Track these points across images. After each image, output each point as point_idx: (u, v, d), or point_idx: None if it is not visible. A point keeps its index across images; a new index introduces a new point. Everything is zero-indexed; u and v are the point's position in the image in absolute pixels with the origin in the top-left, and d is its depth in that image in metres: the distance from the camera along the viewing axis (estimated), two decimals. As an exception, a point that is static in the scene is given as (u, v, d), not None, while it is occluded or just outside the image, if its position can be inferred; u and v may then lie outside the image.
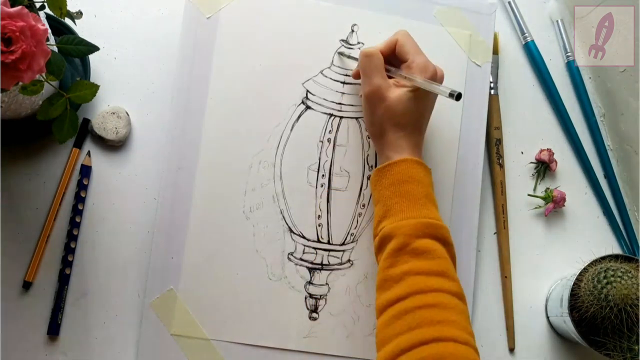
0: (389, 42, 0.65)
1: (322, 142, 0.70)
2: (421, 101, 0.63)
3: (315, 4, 0.71)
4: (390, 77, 0.64)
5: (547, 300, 0.73)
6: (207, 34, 0.69)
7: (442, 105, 0.71)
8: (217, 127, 0.69)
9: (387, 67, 0.64)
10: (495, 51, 0.76)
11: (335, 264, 0.69)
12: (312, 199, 0.69)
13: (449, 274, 0.57)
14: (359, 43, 0.71)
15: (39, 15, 0.55)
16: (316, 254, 0.69)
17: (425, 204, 0.60)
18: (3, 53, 0.51)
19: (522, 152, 0.76)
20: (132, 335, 0.68)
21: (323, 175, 0.69)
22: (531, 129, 0.77)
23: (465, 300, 0.58)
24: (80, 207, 0.69)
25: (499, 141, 0.75)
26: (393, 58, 0.65)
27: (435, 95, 0.64)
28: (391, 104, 0.62)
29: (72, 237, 0.68)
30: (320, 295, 0.68)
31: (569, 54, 0.78)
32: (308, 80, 0.70)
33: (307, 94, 0.70)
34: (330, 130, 0.70)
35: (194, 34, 0.69)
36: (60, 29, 0.69)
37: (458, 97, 0.57)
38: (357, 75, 0.68)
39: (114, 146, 0.71)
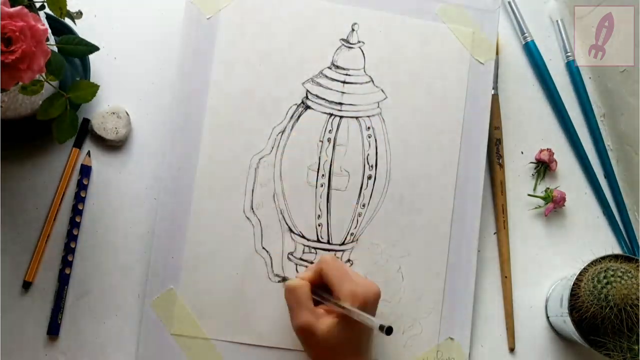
0: (315, 270, 0.62)
1: (322, 141, 0.70)
2: (354, 329, 0.59)
3: (316, 3, 0.71)
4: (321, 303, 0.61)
5: (547, 300, 0.73)
6: (207, 34, 0.69)
7: (444, 104, 0.71)
8: (217, 127, 0.69)
9: (318, 292, 0.61)
10: (495, 51, 0.76)
11: (335, 264, 0.69)
12: (312, 199, 0.69)
13: None
14: (359, 42, 0.71)
15: (39, 15, 0.55)
16: (316, 254, 0.69)
17: None
18: (3, 53, 0.51)
19: (522, 152, 0.76)
20: (132, 335, 0.68)
21: (323, 175, 0.69)
22: (531, 129, 0.77)
23: None
24: (80, 207, 0.69)
25: (499, 141, 0.75)
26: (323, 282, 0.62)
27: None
28: (323, 337, 0.58)
29: (72, 237, 0.68)
30: (320, 295, 0.68)
31: (569, 54, 0.78)
32: (308, 80, 0.70)
33: (307, 94, 0.70)
34: (330, 130, 0.70)
35: (194, 34, 0.69)
36: (60, 29, 0.69)
37: (388, 331, 0.54)
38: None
39: (114, 146, 0.71)
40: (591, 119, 0.77)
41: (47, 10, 0.58)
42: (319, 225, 0.69)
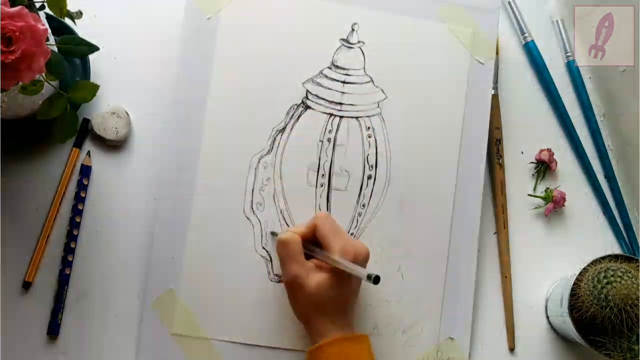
0: (309, 225, 0.64)
1: (322, 141, 0.70)
2: (343, 287, 0.61)
3: (316, 3, 0.71)
4: (312, 257, 0.62)
5: (547, 300, 0.73)
6: (207, 34, 0.69)
7: (444, 104, 0.71)
8: (217, 127, 0.69)
9: (309, 246, 0.62)
10: (495, 51, 0.76)
11: (335, 264, 0.69)
12: (312, 199, 0.69)
13: None
14: (359, 42, 0.71)
15: (39, 15, 0.55)
16: (316, 254, 0.69)
17: None
18: (3, 53, 0.51)
19: (522, 152, 0.76)
20: (132, 335, 0.68)
21: (323, 175, 0.69)
22: (531, 129, 0.77)
23: None
24: (80, 207, 0.69)
25: (499, 141, 0.75)
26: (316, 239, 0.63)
27: (358, 280, 0.63)
28: (311, 291, 0.60)
29: (72, 237, 0.68)
30: (320, 295, 0.68)
31: (569, 54, 0.78)
32: (308, 80, 0.70)
33: (307, 94, 0.70)
34: (330, 130, 0.70)
35: (194, 34, 0.69)
36: (60, 29, 0.69)
37: (376, 280, 0.55)
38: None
39: (114, 146, 0.71)
40: (591, 119, 0.77)
41: (47, 10, 0.58)
42: (319, 225, 0.69)
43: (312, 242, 0.63)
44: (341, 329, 0.61)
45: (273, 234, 0.68)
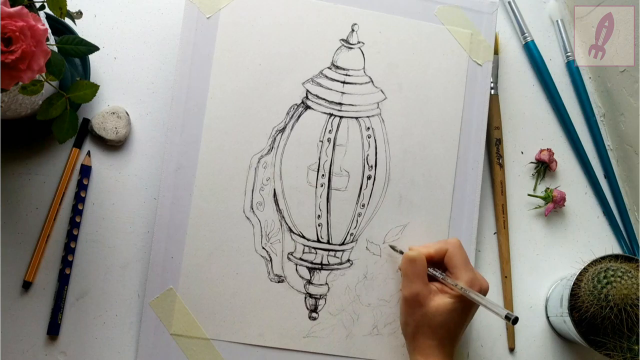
0: (438, 249, 0.65)
1: (322, 141, 0.70)
2: (463, 314, 0.62)
3: (315, 3, 0.71)
4: (434, 279, 0.64)
5: (547, 300, 0.73)
6: (207, 34, 0.69)
7: (443, 104, 0.71)
8: (217, 127, 0.69)
9: (434, 270, 0.64)
10: (495, 51, 0.76)
11: (335, 264, 0.69)
12: (312, 199, 0.69)
13: None
14: (359, 42, 0.71)
15: (39, 15, 0.55)
16: (316, 253, 0.69)
17: None
18: (3, 53, 0.51)
19: (522, 152, 0.76)
20: (132, 335, 0.68)
21: (323, 175, 0.69)
22: (531, 129, 0.77)
23: None
24: (80, 207, 0.69)
25: (499, 141, 0.75)
26: (440, 261, 0.65)
27: (476, 309, 0.64)
28: (429, 311, 0.61)
29: (72, 237, 0.68)
30: (320, 295, 0.69)
31: (569, 54, 0.78)
32: (308, 80, 0.70)
33: (307, 94, 0.70)
34: (330, 130, 0.70)
35: (194, 34, 0.69)
36: (60, 29, 0.69)
37: (515, 320, 0.57)
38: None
39: (114, 146, 0.71)
40: (591, 119, 0.77)
41: (47, 10, 0.58)
42: (319, 225, 0.69)
43: (435, 264, 0.64)
44: (445, 355, 0.61)
45: (392, 247, 0.69)
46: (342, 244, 0.69)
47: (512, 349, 0.71)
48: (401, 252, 0.68)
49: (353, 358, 0.68)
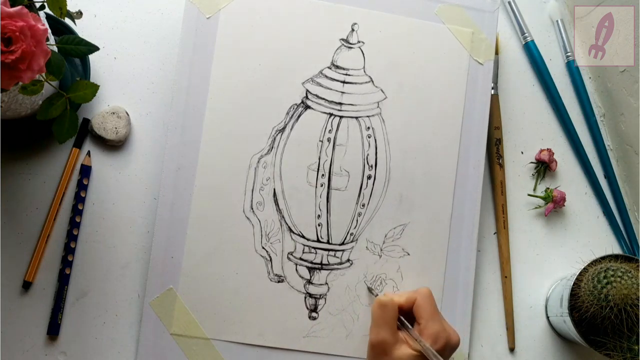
0: (408, 298, 0.64)
1: (322, 141, 0.70)
2: None
3: (315, 3, 0.71)
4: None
5: (547, 300, 0.73)
6: (207, 34, 0.69)
7: (443, 104, 0.71)
8: (217, 127, 0.69)
9: (401, 320, 0.63)
10: (496, 51, 0.76)
11: (335, 264, 0.69)
12: (312, 199, 0.69)
13: None
14: (359, 42, 0.71)
15: (39, 15, 0.55)
16: (316, 253, 0.69)
17: None
18: (3, 53, 0.51)
19: (522, 152, 0.76)
20: (132, 335, 0.68)
21: (323, 174, 0.69)
22: (531, 129, 0.77)
23: None
24: (80, 207, 0.69)
25: (499, 141, 0.75)
26: (410, 310, 0.64)
27: None
28: None
29: (72, 237, 0.68)
30: (320, 295, 0.69)
31: (569, 54, 0.78)
32: (308, 79, 0.70)
33: (307, 94, 0.70)
34: (330, 130, 0.70)
35: (194, 34, 0.69)
36: (60, 29, 0.69)
37: None
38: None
39: (114, 146, 0.71)
40: (591, 119, 0.77)
41: (47, 10, 0.58)
42: (319, 225, 0.69)
43: (406, 315, 0.63)
44: None
45: (370, 290, 0.68)
46: (342, 243, 0.69)
47: (512, 349, 0.72)
48: (377, 295, 0.68)
49: (353, 358, 0.68)
